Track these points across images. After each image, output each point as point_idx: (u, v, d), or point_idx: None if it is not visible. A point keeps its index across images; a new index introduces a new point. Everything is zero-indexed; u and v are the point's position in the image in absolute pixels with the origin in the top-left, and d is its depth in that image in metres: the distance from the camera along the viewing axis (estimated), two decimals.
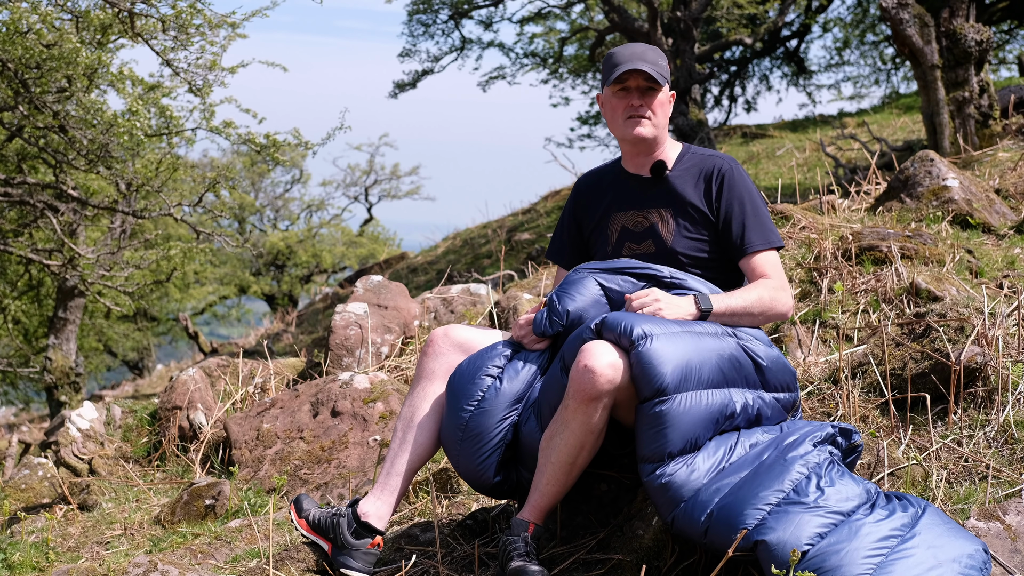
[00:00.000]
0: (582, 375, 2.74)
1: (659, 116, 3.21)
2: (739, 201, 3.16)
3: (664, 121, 3.24)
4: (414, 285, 14.87)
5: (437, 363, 3.19)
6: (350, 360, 5.47)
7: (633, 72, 3.16)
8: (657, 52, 3.23)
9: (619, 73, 3.15)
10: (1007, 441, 3.27)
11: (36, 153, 10.18)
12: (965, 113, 8.81)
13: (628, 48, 3.21)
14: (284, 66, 9.78)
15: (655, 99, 3.19)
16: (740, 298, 3.01)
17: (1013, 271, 4.67)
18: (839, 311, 4.41)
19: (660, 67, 3.19)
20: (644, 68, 3.13)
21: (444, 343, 3.22)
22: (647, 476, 2.71)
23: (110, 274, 10.85)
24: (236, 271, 24.97)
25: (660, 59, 3.21)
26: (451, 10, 18.40)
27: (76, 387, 11.56)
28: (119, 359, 22.62)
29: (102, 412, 5.73)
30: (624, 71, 3.14)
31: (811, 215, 5.56)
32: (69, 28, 8.46)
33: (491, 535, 3.36)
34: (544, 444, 2.88)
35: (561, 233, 3.44)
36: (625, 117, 3.20)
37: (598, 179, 3.39)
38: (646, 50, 3.21)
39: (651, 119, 3.19)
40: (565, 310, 3.01)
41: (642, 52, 3.19)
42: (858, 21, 22.03)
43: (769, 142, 17.57)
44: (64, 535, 4.22)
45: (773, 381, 2.92)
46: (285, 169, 26.51)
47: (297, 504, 3.29)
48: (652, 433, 2.69)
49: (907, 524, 2.52)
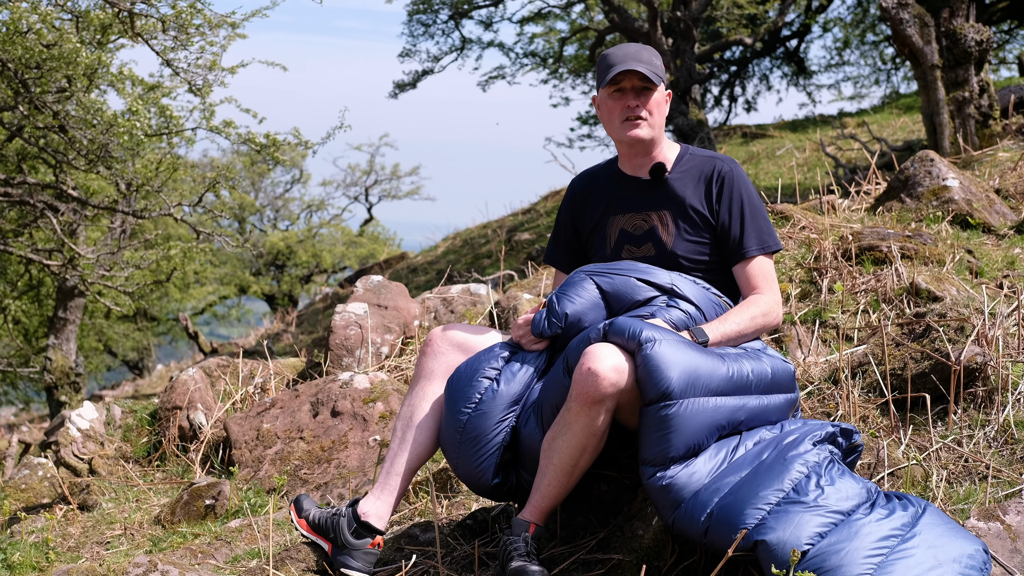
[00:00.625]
0: (585, 378, 2.74)
1: (655, 116, 3.20)
2: (738, 204, 3.15)
3: (661, 121, 3.23)
4: (414, 285, 14.87)
5: (436, 363, 3.19)
6: (350, 360, 5.47)
7: (628, 73, 3.15)
8: (652, 52, 3.22)
9: (614, 74, 3.14)
10: (1007, 441, 3.27)
11: (36, 153, 10.18)
12: (965, 113, 8.81)
13: (622, 49, 3.20)
14: (284, 66, 9.79)
15: (651, 99, 3.18)
16: (734, 322, 3.02)
17: (1013, 271, 4.67)
18: (839, 311, 4.41)
19: (655, 67, 3.18)
20: (638, 68, 3.12)
21: (443, 343, 3.22)
22: (648, 478, 2.71)
23: (110, 274, 10.85)
24: (236, 271, 24.97)
25: (655, 59, 3.20)
26: (451, 10, 18.39)
27: (76, 387, 11.56)
28: (119, 359, 22.62)
29: (102, 412, 5.73)
30: (619, 72, 3.14)
31: (811, 215, 5.56)
32: (69, 28, 8.46)
33: (491, 535, 3.35)
34: (546, 446, 2.88)
35: (558, 236, 3.43)
36: (621, 119, 3.19)
37: (593, 181, 3.37)
38: (640, 50, 3.19)
39: (647, 120, 3.18)
40: (564, 312, 3.01)
41: (636, 52, 3.18)
42: (858, 21, 22.03)
43: (769, 142, 17.57)
44: (64, 535, 4.22)
45: (776, 385, 2.92)
46: (285, 169, 26.53)
47: (297, 504, 3.29)
48: (656, 437, 2.69)
49: (907, 524, 2.52)
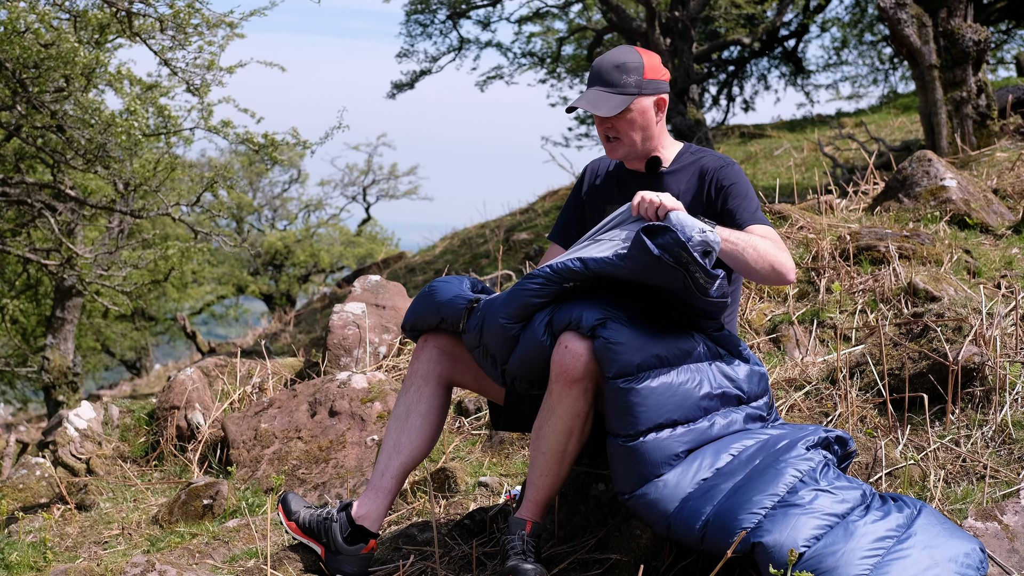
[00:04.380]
0: (562, 357, 2.77)
1: (632, 133, 3.12)
2: (733, 192, 3.09)
3: (642, 134, 3.14)
4: (412, 285, 14.86)
5: (429, 363, 3.19)
6: (348, 360, 5.47)
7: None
8: (627, 67, 3.08)
9: (570, 104, 3.12)
10: (1004, 441, 3.28)
11: (34, 153, 10.17)
12: (963, 113, 8.82)
13: (597, 65, 3.11)
14: (282, 66, 9.79)
15: (623, 120, 3.10)
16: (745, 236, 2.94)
17: (1010, 271, 4.67)
18: (837, 311, 4.41)
19: (624, 86, 3.06)
20: (596, 110, 3.04)
21: (436, 344, 3.21)
22: (628, 503, 2.73)
23: (108, 274, 10.85)
24: (234, 271, 24.96)
25: (628, 75, 3.07)
26: (449, 10, 18.39)
27: (74, 387, 11.55)
28: (117, 359, 22.61)
29: (100, 412, 5.73)
30: (573, 105, 3.10)
31: (809, 215, 5.57)
32: (67, 28, 8.46)
33: (489, 535, 3.35)
34: (534, 435, 2.90)
35: (564, 214, 3.42)
36: (602, 138, 3.18)
37: (604, 167, 3.39)
38: (612, 68, 3.08)
39: (621, 139, 3.13)
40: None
41: (608, 71, 3.08)
42: (856, 21, 22.04)
43: (767, 142, 17.57)
44: (62, 535, 4.22)
45: (750, 394, 2.92)
46: (283, 169, 26.51)
47: (285, 505, 3.25)
48: (620, 411, 2.71)
49: (903, 525, 2.52)
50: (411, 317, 3.20)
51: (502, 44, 19.91)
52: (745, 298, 4.71)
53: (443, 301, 3.09)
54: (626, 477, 2.72)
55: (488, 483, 3.98)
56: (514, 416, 3.24)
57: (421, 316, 3.16)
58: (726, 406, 2.85)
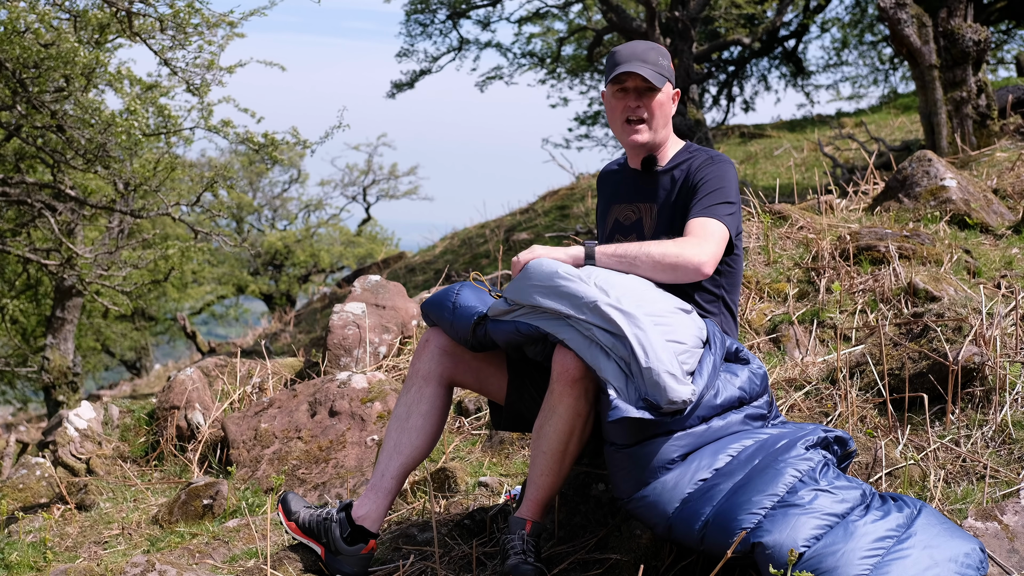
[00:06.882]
0: (563, 357, 2.78)
1: (658, 117, 3.21)
2: (700, 187, 3.12)
3: (664, 121, 3.23)
4: (412, 285, 14.86)
5: (430, 363, 3.19)
6: (348, 360, 5.47)
7: (630, 73, 3.16)
8: (660, 51, 3.22)
9: (616, 74, 3.16)
10: (1005, 441, 3.28)
11: (34, 152, 10.17)
12: (963, 113, 8.82)
13: (629, 47, 3.21)
14: (282, 66, 9.79)
15: (654, 100, 3.19)
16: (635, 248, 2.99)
17: (1011, 271, 4.67)
18: (837, 311, 4.41)
19: (660, 67, 3.19)
20: (641, 71, 3.13)
21: (437, 343, 3.22)
22: (627, 506, 2.73)
23: (108, 273, 10.85)
24: (234, 271, 24.95)
25: (662, 58, 3.20)
26: (449, 10, 18.39)
27: (74, 387, 11.55)
28: (117, 359, 22.61)
29: (100, 412, 5.73)
30: (621, 72, 3.15)
31: (809, 215, 5.57)
32: (67, 27, 8.46)
33: (489, 535, 3.35)
34: (535, 435, 2.89)
35: (597, 221, 3.51)
36: (623, 120, 3.21)
37: (611, 171, 3.46)
38: (648, 49, 3.20)
39: (648, 122, 3.20)
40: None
41: (643, 52, 3.19)
42: (856, 21, 22.05)
43: (767, 142, 17.57)
44: (62, 535, 4.22)
45: (751, 393, 2.92)
46: (283, 169, 26.52)
47: (285, 505, 3.26)
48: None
49: (903, 524, 2.52)
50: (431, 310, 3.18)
51: (502, 44, 19.93)
52: (745, 298, 4.71)
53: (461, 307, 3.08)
54: (624, 482, 2.73)
55: (488, 483, 3.98)
56: (515, 416, 3.24)
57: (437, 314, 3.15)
58: (726, 410, 2.85)
